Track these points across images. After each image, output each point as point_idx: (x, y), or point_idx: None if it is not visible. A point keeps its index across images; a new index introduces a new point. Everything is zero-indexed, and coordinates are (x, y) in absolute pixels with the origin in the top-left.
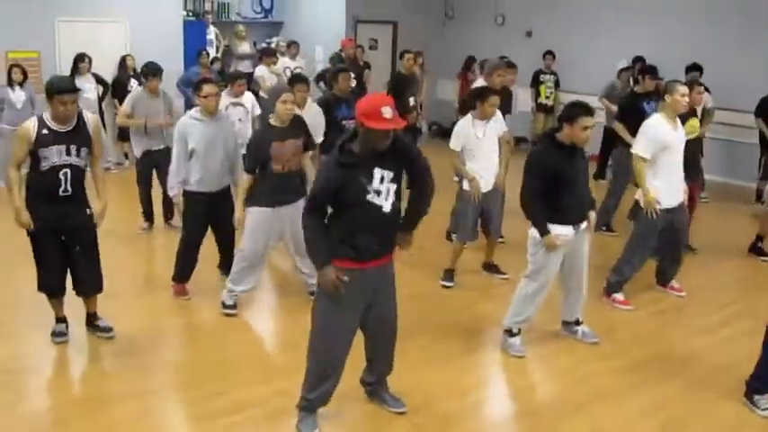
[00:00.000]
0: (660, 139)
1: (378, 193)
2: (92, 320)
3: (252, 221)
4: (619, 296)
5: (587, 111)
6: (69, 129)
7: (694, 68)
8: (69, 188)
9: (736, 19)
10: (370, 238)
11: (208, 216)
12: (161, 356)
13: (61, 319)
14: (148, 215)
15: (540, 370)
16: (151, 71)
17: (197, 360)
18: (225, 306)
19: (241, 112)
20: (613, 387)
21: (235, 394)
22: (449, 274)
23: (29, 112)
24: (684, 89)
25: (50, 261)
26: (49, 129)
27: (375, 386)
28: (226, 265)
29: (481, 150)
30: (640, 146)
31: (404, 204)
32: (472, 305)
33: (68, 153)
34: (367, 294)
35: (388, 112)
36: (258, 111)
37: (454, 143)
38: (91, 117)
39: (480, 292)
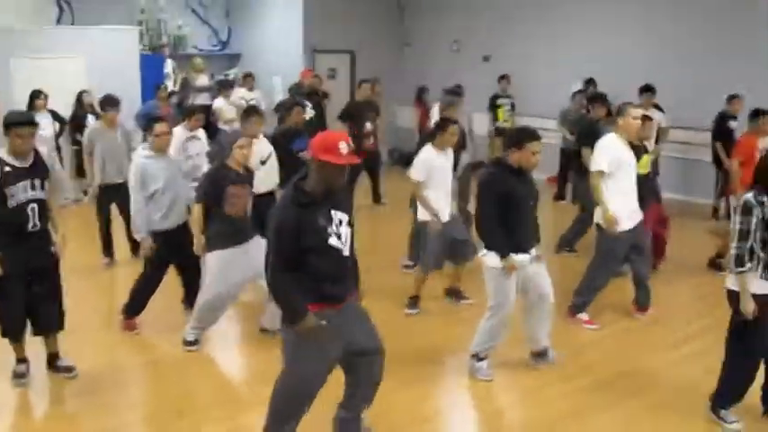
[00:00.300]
0: (617, 156)
1: (338, 236)
2: (53, 361)
3: (216, 266)
4: (583, 316)
5: (534, 136)
6: (29, 164)
7: (647, 89)
8: (38, 222)
9: (688, 39)
10: (337, 284)
11: (171, 253)
12: (124, 394)
13: (22, 360)
14: (108, 249)
15: (505, 393)
16: (109, 103)
17: (160, 396)
18: (186, 342)
19: (198, 145)
20: (579, 407)
21: (200, 430)
22: (413, 302)
23: None
24: (637, 112)
25: (15, 305)
26: (11, 166)
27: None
28: (190, 299)
29: (441, 179)
30: (598, 160)
31: None
32: (437, 331)
33: (33, 188)
34: (345, 332)
35: (344, 147)
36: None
37: (418, 173)
38: (44, 150)
39: (445, 317)
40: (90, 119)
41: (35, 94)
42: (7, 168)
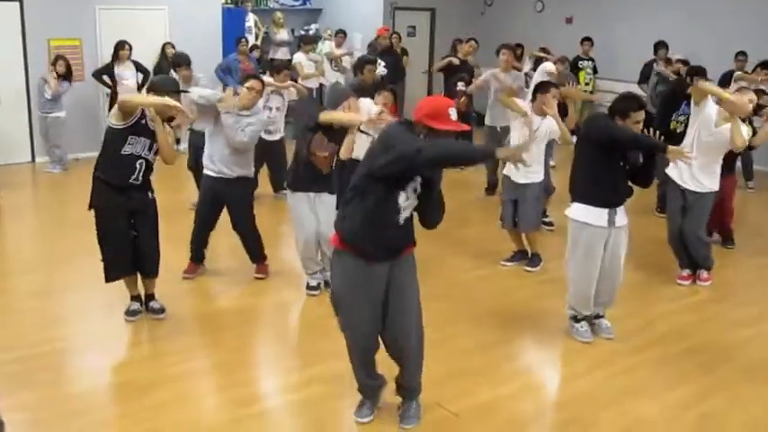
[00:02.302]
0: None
1: (406, 197)
2: (148, 301)
3: (291, 206)
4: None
5: (640, 104)
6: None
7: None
8: (140, 177)
9: None
10: (386, 240)
11: (223, 198)
12: (194, 342)
13: (136, 297)
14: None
15: (578, 361)
16: (182, 61)
17: (235, 344)
18: (307, 287)
19: (278, 100)
20: (652, 379)
21: (272, 380)
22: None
23: (60, 103)
24: (752, 95)
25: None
26: (146, 120)
27: (399, 393)
28: (252, 255)
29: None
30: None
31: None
32: (512, 292)
33: (150, 148)
34: (380, 289)
35: (454, 113)
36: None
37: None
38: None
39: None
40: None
41: (120, 45)
42: (143, 121)
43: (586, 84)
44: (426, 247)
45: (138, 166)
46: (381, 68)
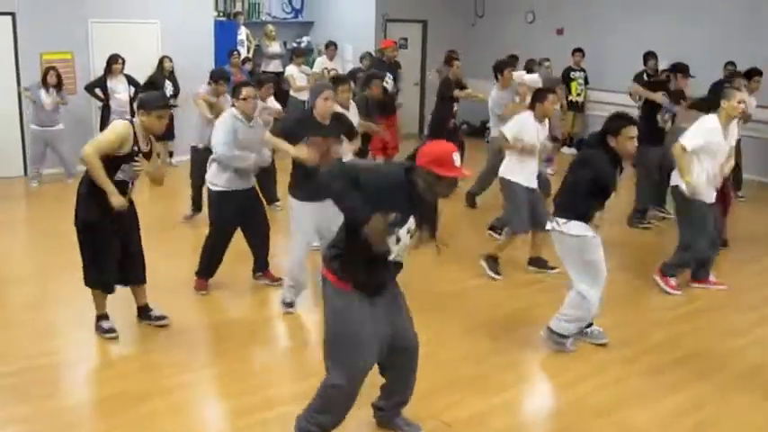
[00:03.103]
0: (714, 140)
1: (397, 240)
2: (144, 313)
3: (293, 213)
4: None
5: (630, 121)
6: (147, 151)
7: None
8: (130, 195)
9: None
10: (379, 275)
11: (237, 215)
12: (195, 352)
13: (105, 317)
14: (197, 204)
15: (570, 371)
16: (221, 76)
17: (235, 356)
18: (283, 304)
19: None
20: (645, 388)
21: (271, 390)
22: (493, 263)
23: (57, 114)
24: (743, 95)
25: (109, 257)
26: (138, 147)
27: (387, 412)
28: (259, 264)
29: (534, 150)
30: (691, 138)
31: None
32: (503, 303)
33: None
34: (383, 322)
35: (458, 159)
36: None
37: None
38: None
39: (515, 289)
40: (168, 84)
41: (112, 59)
42: (135, 147)
43: (578, 94)
44: (417, 258)
45: (129, 186)
46: (390, 83)
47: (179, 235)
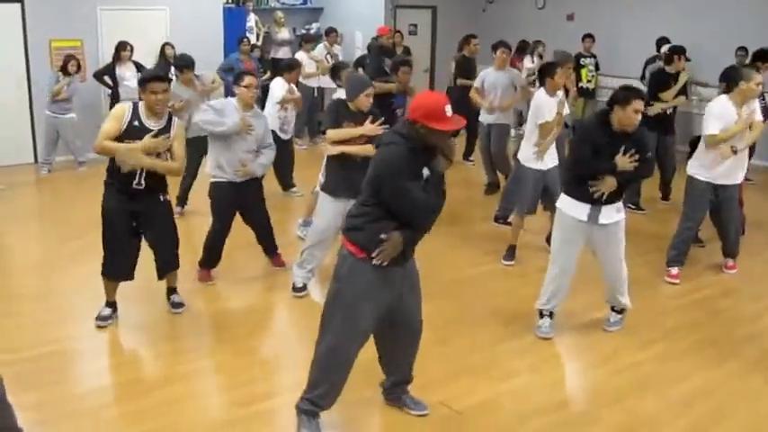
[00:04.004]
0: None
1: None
2: (170, 294)
3: (319, 206)
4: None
5: (640, 95)
6: (160, 127)
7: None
8: (143, 182)
9: None
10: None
11: (236, 204)
12: (201, 341)
13: (111, 304)
14: (183, 201)
15: (582, 357)
16: (184, 64)
17: (233, 345)
18: (295, 289)
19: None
20: (657, 375)
21: (270, 380)
22: (510, 252)
23: (70, 104)
24: (759, 77)
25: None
26: (140, 122)
27: (392, 391)
28: (268, 251)
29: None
30: (710, 125)
31: None
32: (517, 289)
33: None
34: (393, 294)
35: (449, 109)
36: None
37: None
38: (178, 122)
39: (528, 275)
40: (173, 71)
41: (121, 46)
42: (135, 123)
43: (588, 81)
44: (427, 245)
45: (138, 169)
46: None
47: (182, 228)
